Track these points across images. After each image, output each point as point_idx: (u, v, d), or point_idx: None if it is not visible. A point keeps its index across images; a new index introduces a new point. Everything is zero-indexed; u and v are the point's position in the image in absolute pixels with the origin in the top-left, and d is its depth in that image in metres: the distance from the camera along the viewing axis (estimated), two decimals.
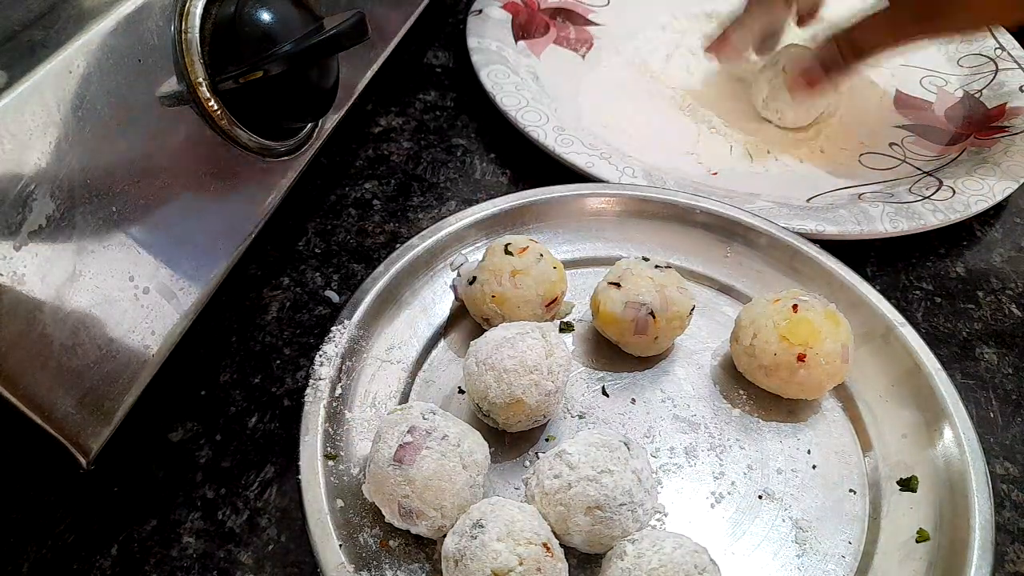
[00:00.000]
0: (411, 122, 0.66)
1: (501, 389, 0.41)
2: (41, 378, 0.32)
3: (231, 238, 0.42)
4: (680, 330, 0.48)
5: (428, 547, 0.39)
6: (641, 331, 0.46)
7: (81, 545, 0.40)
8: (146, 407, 0.38)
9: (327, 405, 0.42)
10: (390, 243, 0.56)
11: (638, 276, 0.46)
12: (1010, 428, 0.49)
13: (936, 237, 0.59)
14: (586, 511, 0.37)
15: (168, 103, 0.37)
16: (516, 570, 0.34)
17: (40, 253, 0.31)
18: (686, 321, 0.47)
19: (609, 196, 0.55)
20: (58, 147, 0.31)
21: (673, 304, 0.46)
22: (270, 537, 0.41)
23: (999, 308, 0.56)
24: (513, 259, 0.46)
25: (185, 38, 0.37)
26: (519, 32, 0.74)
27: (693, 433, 0.46)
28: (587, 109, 0.68)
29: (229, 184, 0.42)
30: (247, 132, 0.41)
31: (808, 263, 0.52)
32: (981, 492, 0.40)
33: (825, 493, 0.43)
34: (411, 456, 0.37)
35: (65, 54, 0.32)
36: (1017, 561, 0.43)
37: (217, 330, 0.50)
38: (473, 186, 0.61)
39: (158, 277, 0.37)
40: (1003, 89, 0.71)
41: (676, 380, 0.48)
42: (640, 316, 0.45)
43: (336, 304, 0.52)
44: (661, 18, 0.79)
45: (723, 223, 0.54)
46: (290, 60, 0.39)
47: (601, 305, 0.46)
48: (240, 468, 0.44)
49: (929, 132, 0.69)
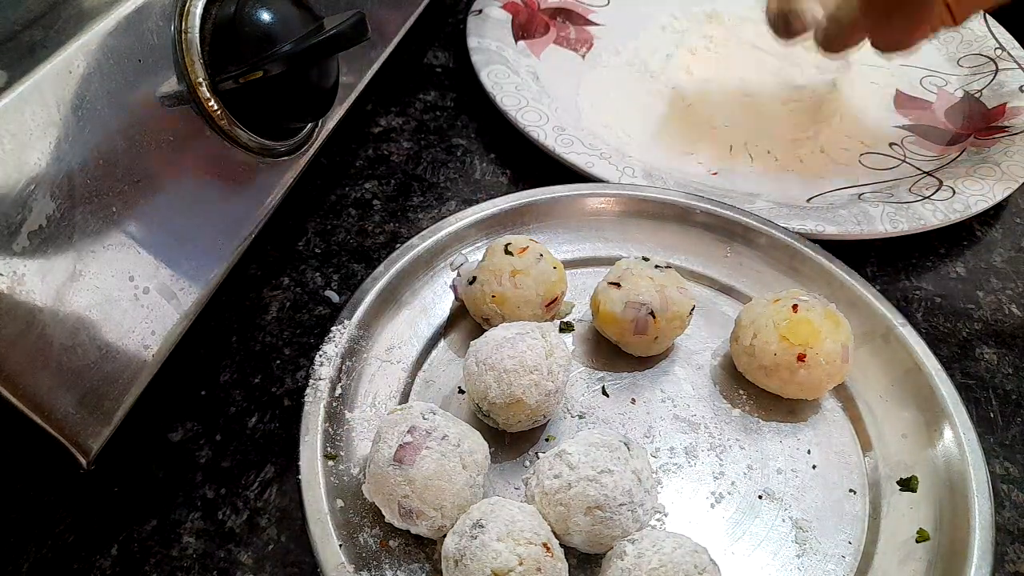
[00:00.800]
0: (411, 122, 0.66)
1: (501, 389, 0.41)
2: (41, 378, 0.31)
3: (231, 238, 0.42)
4: (680, 330, 0.48)
5: (428, 547, 0.39)
6: (641, 331, 0.46)
7: (81, 545, 0.40)
8: (146, 407, 0.38)
9: (327, 405, 0.42)
10: (390, 243, 0.56)
11: (638, 276, 0.46)
12: (1010, 428, 0.49)
13: (936, 237, 0.59)
14: (586, 511, 0.37)
15: (168, 103, 0.37)
16: (516, 570, 0.34)
17: (40, 253, 0.31)
18: (686, 321, 0.47)
19: (609, 196, 0.55)
20: (58, 147, 0.31)
21: (673, 304, 0.46)
22: (270, 537, 0.41)
23: (999, 308, 0.56)
24: (513, 259, 0.46)
25: (185, 38, 0.37)
26: (519, 32, 0.74)
27: (693, 433, 0.46)
28: (587, 109, 0.68)
29: (229, 184, 0.42)
30: (247, 132, 0.41)
31: (808, 263, 0.52)
32: (981, 492, 0.40)
33: (825, 493, 0.43)
34: (411, 456, 0.37)
35: (65, 54, 0.32)
36: (1017, 561, 0.43)
37: (217, 330, 0.50)
38: (473, 186, 0.61)
39: (158, 277, 0.37)
40: (1003, 89, 0.71)
41: (676, 380, 0.48)
42: (640, 316, 0.45)
43: (336, 304, 0.52)
44: (661, 18, 0.79)
45: (723, 223, 0.54)
46: (290, 60, 0.39)
47: (601, 305, 0.47)
48: (240, 468, 0.44)
49: (929, 132, 0.69)
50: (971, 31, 0.77)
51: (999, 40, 0.76)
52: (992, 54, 0.75)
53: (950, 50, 0.77)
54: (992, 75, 0.73)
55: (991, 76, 0.73)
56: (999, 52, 0.75)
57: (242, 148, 0.42)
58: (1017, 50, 0.75)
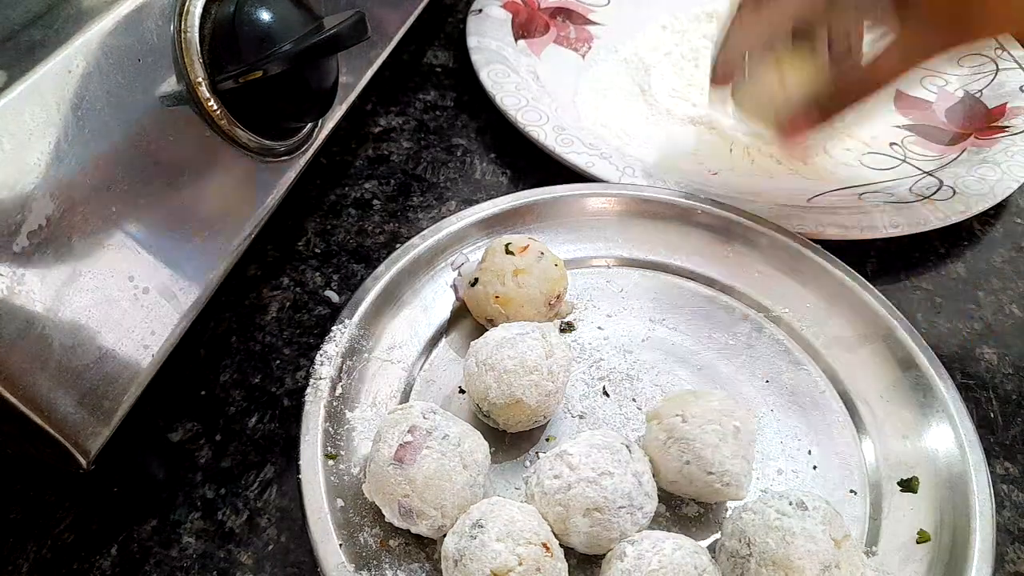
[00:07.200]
0: (411, 122, 0.66)
1: (501, 390, 0.41)
2: (41, 378, 0.31)
3: (231, 238, 0.42)
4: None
5: (428, 547, 0.39)
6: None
7: (81, 545, 0.40)
8: (146, 407, 0.38)
9: (327, 405, 0.42)
10: (390, 243, 0.56)
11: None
12: (1010, 428, 0.49)
13: (936, 237, 0.59)
14: (585, 512, 0.37)
15: (168, 103, 0.37)
16: (516, 570, 0.34)
17: (40, 253, 0.31)
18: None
19: (609, 196, 0.55)
20: (58, 147, 0.31)
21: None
22: (270, 537, 0.41)
23: (999, 308, 0.56)
24: (514, 258, 0.46)
25: (185, 38, 0.37)
26: (519, 31, 0.74)
27: None
28: (587, 109, 0.68)
29: (229, 184, 0.42)
30: (247, 132, 0.41)
31: (808, 263, 0.52)
32: (981, 492, 0.40)
33: (825, 493, 0.43)
34: (411, 456, 0.37)
35: (65, 54, 0.32)
36: (1017, 561, 0.43)
37: (217, 330, 0.50)
38: (473, 186, 0.61)
39: (158, 277, 0.37)
40: (1003, 89, 0.71)
41: (677, 381, 0.48)
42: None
43: (336, 304, 0.52)
44: (661, 18, 0.79)
45: (723, 223, 0.54)
46: (290, 60, 0.39)
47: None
48: (240, 468, 0.44)
49: (929, 132, 0.69)
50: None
51: (999, 40, 0.76)
52: (992, 54, 0.75)
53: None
54: (992, 75, 0.73)
55: (991, 76, 0.73)
56: (999, 52, 0.75)
57: (242, 148, 0.42)
58: (1017, 50, 0.75)
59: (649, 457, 0.40)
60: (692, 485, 0.40)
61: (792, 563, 0.34)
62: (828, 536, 0.35)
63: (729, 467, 0.39)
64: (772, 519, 0.36)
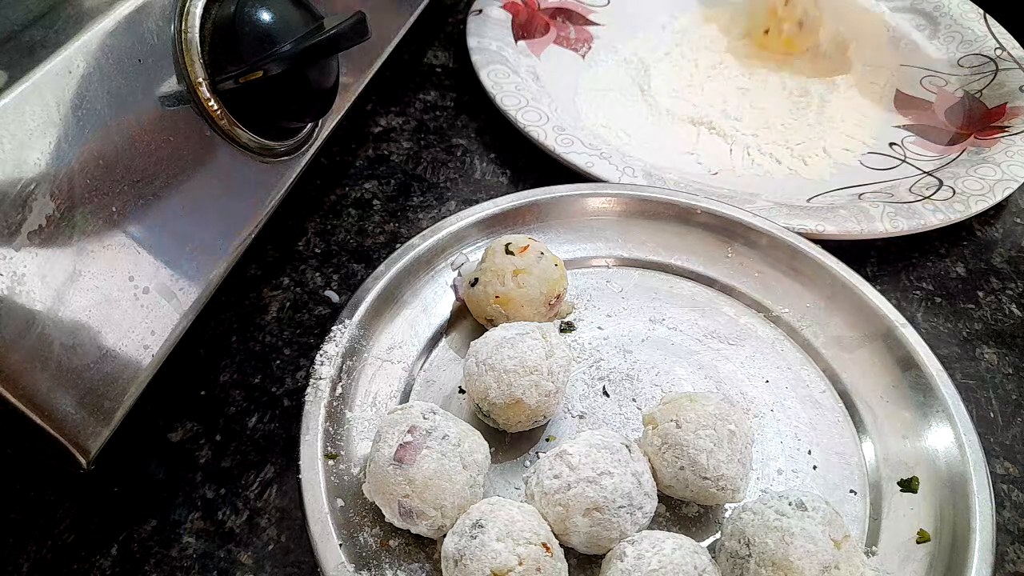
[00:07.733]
0: (411, 122, 0.66)
1: (501, 390, 0.41)
2: (41, 378, 0.31)
3: (231, 238, 0.42)
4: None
5: (428, 547, 0.39)
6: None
7: (81, 545, 0.40)
8: (146, 407, 0.38)
9: (327, 405, 0.42)
10: (390, 243, 0.56)
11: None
12: (1010, 428, 0.49)
13: (936, 237, 0.59)
14: (585, 512, 0.37)
15: (168, 103, 0.37)
16: (516, 570, 0.34)
17: (40, 253, 0.31)
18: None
19: (609, 196, 0.55)
20: (58, 147, 0.31)
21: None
22: (270, 537, 0.41)
23: (999, 308, 0.56)
24: (514, 258, 0.46)
25: (185, 38, 0.37)
26: (519, 32, 0.74)
27: None
28: (587, 109, 0.68)
29: (229, 184, 0.42)
30: (247, 132, 0.41)
31: (808, 263, 0.52)
32: (981, 492, 0.40)
33: (825, 493, 0.43)
34: (411, 456, 0.37)
35: (65, 54, 0.32)
36: (1017, 561, 0.43)
37: (217, 330, 0.50)
38: (473, 186, 0.61)
39: (158, 277, 0.37)
40: (1003, 89, 0.71)
41: (678, 380, 0.48)
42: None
43: (336, 304, 0.52)
44: (661, 18, 0.79)
45: (723, 223, 0.54)
46: (290, 60, 0.39)
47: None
48: (240, 468, 0.44)
49: (929, 132, 0.69)
50: (971, 31, 0.77)
51: (999, 40, 0.76)
52: (992, 54, 0.75)
53: (950, 50, 0.77)
54: (992, 75, 0.73)
55: (991, 76, 0.73)
56: (999, 52, 0.75)
57: (242, 148, 0.42)
58: (1017, 50, 0.75)
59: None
60: (688, 489, 0.40)
61: (791, 563, 0.34)
62: (828, 536, 0.35)
63: (724, 471, 0.39)
64: (771, 519, 0.36)
